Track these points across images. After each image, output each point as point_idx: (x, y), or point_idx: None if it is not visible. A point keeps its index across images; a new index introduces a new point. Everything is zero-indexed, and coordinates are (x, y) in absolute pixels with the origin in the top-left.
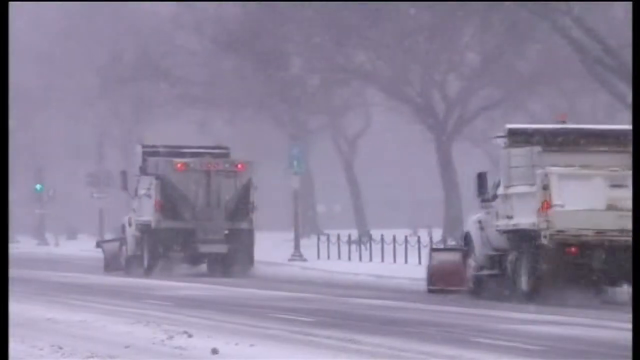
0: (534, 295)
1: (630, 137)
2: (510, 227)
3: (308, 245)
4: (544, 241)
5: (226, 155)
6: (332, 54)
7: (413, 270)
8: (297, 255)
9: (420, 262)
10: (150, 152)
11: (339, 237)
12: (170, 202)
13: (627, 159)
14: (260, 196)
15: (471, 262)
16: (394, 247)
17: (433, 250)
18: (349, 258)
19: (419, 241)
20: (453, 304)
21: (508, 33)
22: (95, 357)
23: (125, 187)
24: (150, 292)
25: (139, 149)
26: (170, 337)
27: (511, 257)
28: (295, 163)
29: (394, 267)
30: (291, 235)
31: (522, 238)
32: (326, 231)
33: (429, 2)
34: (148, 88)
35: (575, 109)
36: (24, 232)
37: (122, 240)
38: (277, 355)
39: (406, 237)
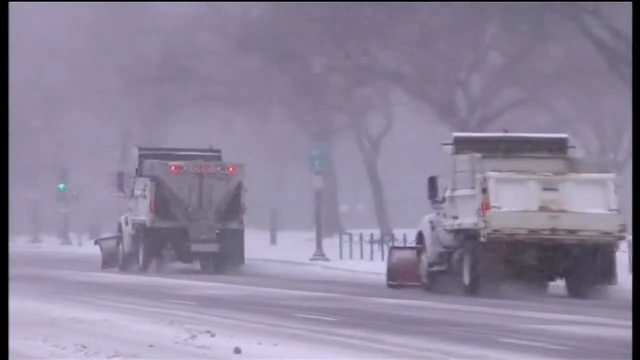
0: (474, 289)
1: (563, 145)
2: (456, 227)
3: (330, 244)
4: (483, 239)
5: (218, 159)
6: (355, 54)
7: None
8: (320, 254)
9: None
10: (145, 154)
11: (361, 236)
12: (164, 203)
13: (559, 165)
14: (282, 196)
15: (424, 259)
16: None
17: (392, 248)
18: (371, 258)
19: None
20: (477, 304)
21: (531, 32)
22: (119, 356)
23: (121, 188)
24: (173, 291)
25: (135, 152)
26: (193, 337)
27: (456, 254)
28: (317, 163)
29: None
30: (313, 234)
31: (465, 236)
32: (348, 231)
33: (452, 2)
34: (171, 88)
35: (599, 107)
36: (48, 231)
37: (119, 239)
38: (300, 354)
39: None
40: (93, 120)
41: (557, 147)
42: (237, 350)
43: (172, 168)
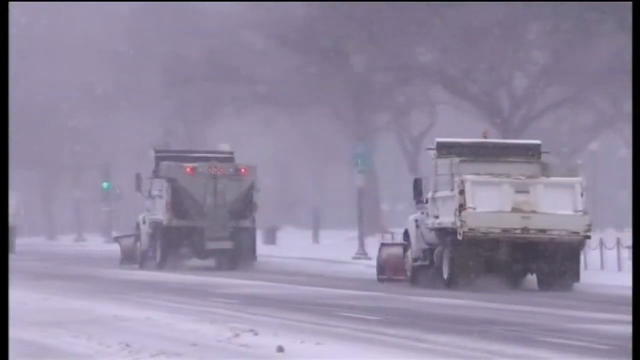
0: (452, 283)
1: (537, 150)
2: (437, 225)
3: (372, 243)
4: (460, 237)
5: (231, 160)
6: (397, 52)
7: None
8: (362, 253)
9: None
10: (162, 156)
11: (403, 235)
12: (180, 203)
13: (533, 169)
14: (323, 195)
15: (409, 255)
16: None
17: (382, 245)
18: None
19: None
20: (521, 303)
21: (575, 31)
22: (163, 354)
23: (139, 189)
24: (215, 290)
25: (152, 154)
26: (236, 335)
27: (437, 250)
28: (359, 162)
29: None
30: (355, 233)
31: (445, 234)
32: (390, 229)
33: (496, 2)
34: (213, 87)
35: None
36: (92, 230)
37: (137, 237)
38: (343, 353)
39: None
40: (135, 120)
41: (532, 153)
42: (280, 349)
43: (187, 169)
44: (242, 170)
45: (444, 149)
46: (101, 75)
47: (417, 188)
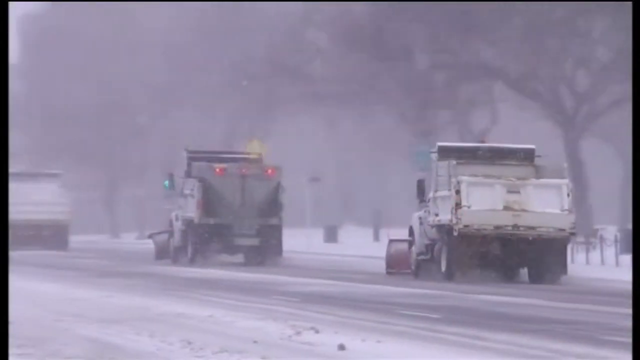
0: (449, 275)
1: (531, 154)
2: (437, 223)
3: None
4: (455, 234)
5: (259, 161)
6: (460, 50)
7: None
8: None
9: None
10: (194, 157)
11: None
12: (210, 201)
13: (527, 171)
14: (384, 193)
15: (413, 250)
16: None
17: (390, 241)
18: None
19: None
20: (584, 301)
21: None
22: (225, 352)
23: (172, 187)
24: (276, 287)
25: (184, 154)
26: (298, 333)
27: (437, 245)
28: (421, 159)
29: None
30: None
31: (443, 231)
32: None
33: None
34: (277, 86)
35: None
36: (155, 228)
37: (170, 234)
38: (404, 352)
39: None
40: (199, 118)
41: (526, 156)
42: (342, 347)
43: (217, 170)
44: (269, 171)
45: (444, 152)
46: (165, 74)
47: (420, 188)
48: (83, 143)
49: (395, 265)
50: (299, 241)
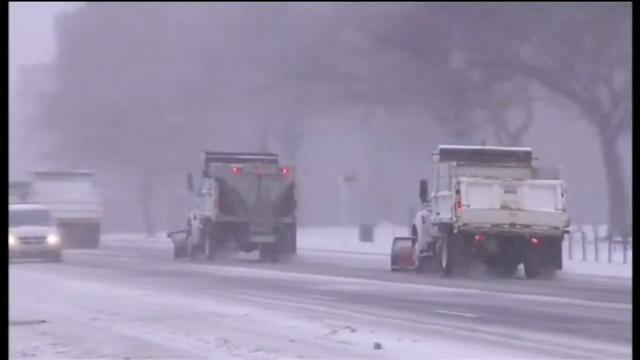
0: (449, 271)
1: (528, 156)
2: (438, 221)
3: None
4: (455, 231)
5: (274, 162)
6: (495, 48)
7: (578, 266)
8: None
9: (584, 258)
10: (211, 158)
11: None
12: (227, 200)
13: (524, 173)
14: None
15: (417, 247)
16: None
17: (395, 239)
18: None
19: (583, 237)
20: (619, 300)
21: None
22: (261, 350)
23: (190, 187)
24: (312, 286)
25: (202, 155)
26: (334, 332)
27: (439, 243)
28: None
29: None
30: None
31: (444, 228)
32: None
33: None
34: (312, 84)
35: None
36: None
37: (188, 232)
38: (440, 351)
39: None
40: (234, 117)
41: (523, 158)
42: (378, 346)
43: (234, 170)
44: (284, 170)
45: (446, 155)
46: (200, 73)
47: (423, 188)
48: (118, 142)
49: (400, 261)
50: (335, 240)
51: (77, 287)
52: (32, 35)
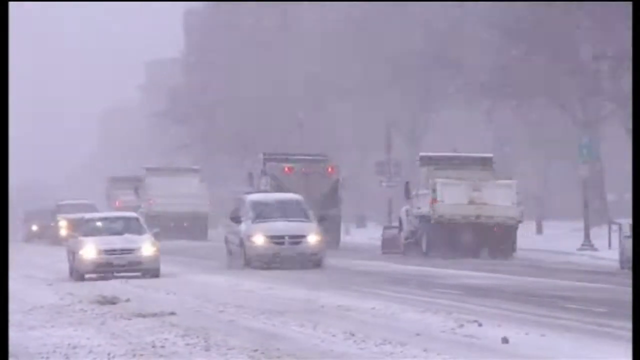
0: (428, 255)
1: (489, 161)
2: (419, 214)
3: (599, 234)
4: (432, 222)
5: (323, 161)
6: (623, 40)
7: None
8: (588, 244)
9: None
10: (268, 158)
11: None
12: None
13: (484, 174)
14: (546, 185)
15: (402, 235)
16: None
17: (384, 228)
18: None
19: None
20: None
21: None
22: (388, 343)
23: (251, 184)
24: (436, 280)
25: (260, 156)
26: (461, 326)
27: (419, 231)
28: (584, 152)
29: None
30: (581, 224)
31: (424, 220)
32: (618, 220)
33: None
34: (436, 77)
35: None
36: None
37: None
38: (569, 346)
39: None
40: (358, 110)
41: (486, 163)
42: (505, 340)
43: (286, 169)
44: (329, 169)
45: (425, 160)
46: (324, 67)
47: (407, 188)
48: (244, 136)
49: (388, 247)
50: None
51: (199, 279)
52: (161, 30)
